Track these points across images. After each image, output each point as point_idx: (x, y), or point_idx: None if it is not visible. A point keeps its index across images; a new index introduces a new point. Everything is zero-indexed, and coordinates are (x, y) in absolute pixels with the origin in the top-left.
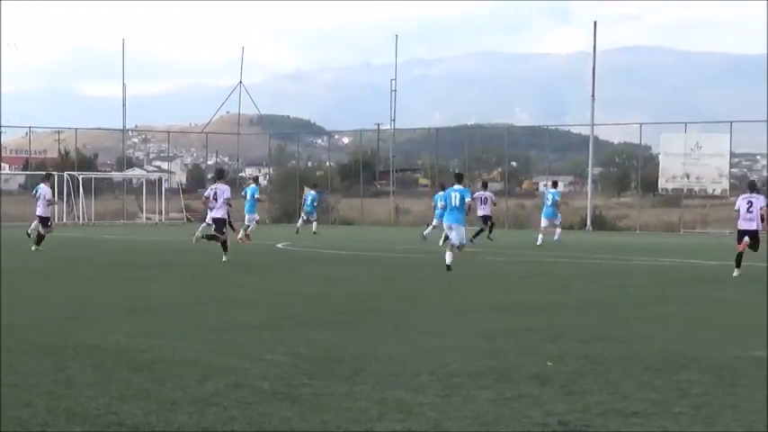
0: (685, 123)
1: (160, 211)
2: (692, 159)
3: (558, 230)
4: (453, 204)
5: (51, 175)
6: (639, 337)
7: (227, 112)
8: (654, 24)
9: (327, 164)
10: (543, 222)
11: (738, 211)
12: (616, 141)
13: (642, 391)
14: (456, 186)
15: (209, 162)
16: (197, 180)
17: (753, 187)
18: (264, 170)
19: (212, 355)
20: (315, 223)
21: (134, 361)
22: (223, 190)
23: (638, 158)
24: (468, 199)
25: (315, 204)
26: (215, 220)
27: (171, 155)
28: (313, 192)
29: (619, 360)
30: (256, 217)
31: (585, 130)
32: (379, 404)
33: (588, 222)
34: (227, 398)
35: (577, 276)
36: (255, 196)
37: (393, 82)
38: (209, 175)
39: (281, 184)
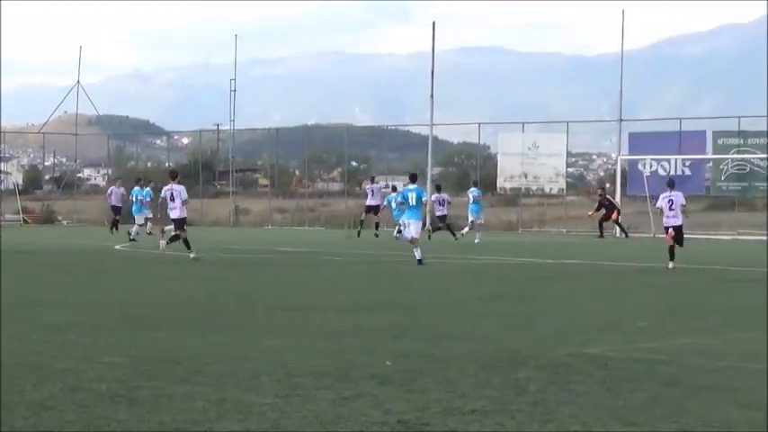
0: (523, 123)
1: None
2: (530, 159)
3: (466, 229)
4: (411, 203)
5: None
6: (478, 335)
7: (65, 112)
8: (493, 25)
9: (167, 164)
10: (472, 218)
11: (661, 209)
12: (455, 141)
13: (480, 389)
14: (411, 186)
15: (46, 163)
16: (34, 181)
17: (671, 185)
18: (103, 171)
19: (49, 357)
20: (149, 224)
21: None
22: (179, 190)
23: (476, 158)
24: (424, 198)
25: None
26: (174, 221)
27: (7, 155)
28: (148, 189)
29: (457, 358)
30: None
31: (425, 130)
32: (217, 405)
33: (428, 222)
34: (63, 401)
35: (418, 276)
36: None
37: (233, 82)
38: (47, 176)
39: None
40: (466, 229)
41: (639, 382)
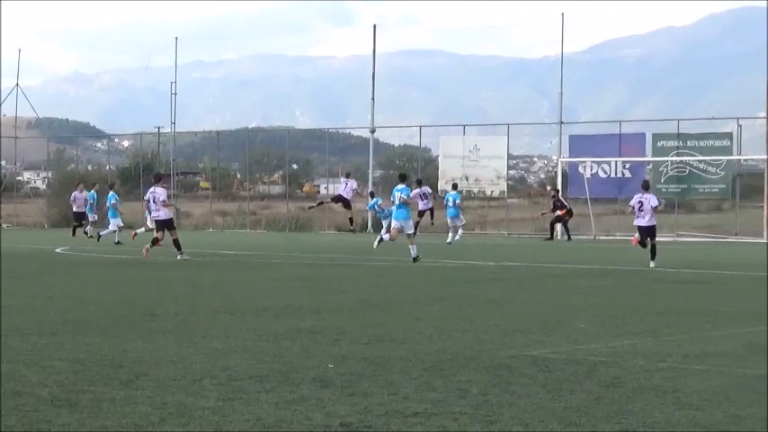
0: (464, 126)
1: None
2: (471, 161)
3: (460, 231)
4: (399, 202)
5: None
6: (419, 338)
7: (5, 114)
8: (434, 28)
9: (107, 167)
10: (449, 222)
11: (633, 209)
12: (396, 144)
13: (422, 392)
14: (399, 186)
15: None
16: None
17: (646, 187)
18: (43, 174)
19: None
20: (90, 227)
21: None
22: (160, 193)
23: (417, 161)
24: (411, 195)
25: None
26: (162, 222)
27: None
28: (92, 192)
29: (399, 361)
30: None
31: (366, 133)
32: (160, 409)
33: (369, 224)
34: (5, 406)
35: (358, 278)
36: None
37: (173, 85)
38: None
39: (60, 188)
40: (458, 234)
41: (581, 383)
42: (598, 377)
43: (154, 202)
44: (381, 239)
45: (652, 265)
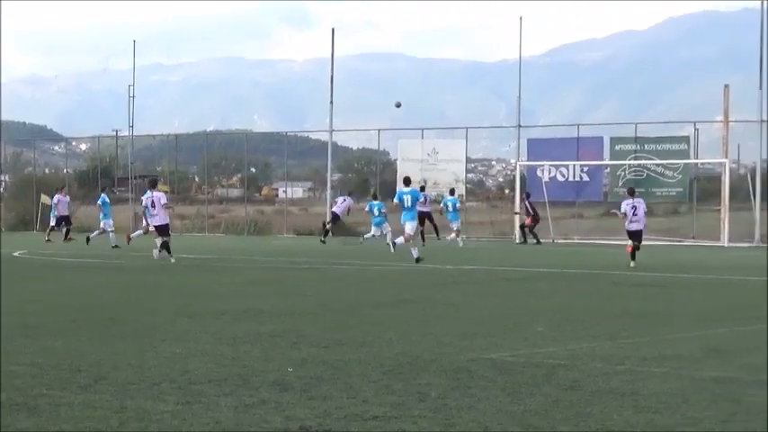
0: (422, 129)
1: None
2: (430, 165)
3: (453, 235)
4: (407, 205)
5: None
6: (378, 341)
7: None
8: (393, 32)
9: (65, 170)
10: (451, 225)
11: (625, 214)
12: (355, 147)
13: (382, 395)
14: (406, 189)
15: None
16: None
17: (632, 193)
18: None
19: None
20: (57, 229)
21: None
22: (159, 197)
23: (376, 164)
24: (420, 199)
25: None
26: (157, 228)
27: None
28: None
29: (358, 364)
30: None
31: (324, 136)
32: (118, 413)
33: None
34: None
35: (318, 281)
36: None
37: (131, 88)
38: None
39: (17, 191)
40: (455, 237)
41: (540, 386)
42: (557, 380)
43: (153, 206)
44: (395, 244)
45: (632, 264)
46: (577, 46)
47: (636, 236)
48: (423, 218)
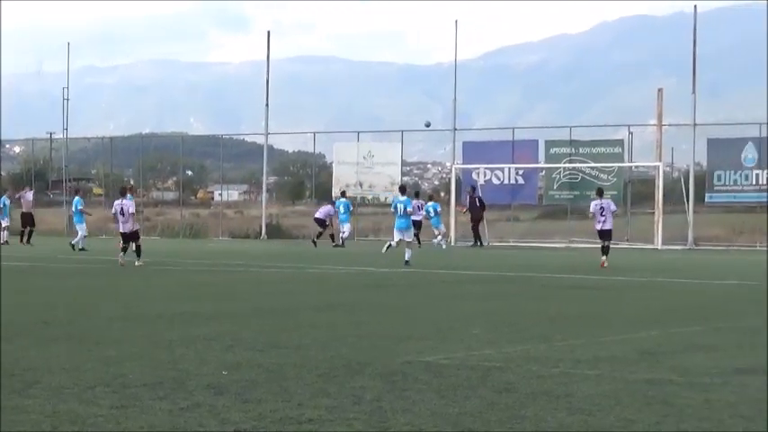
0: (358, 132)
1: None
2: (365, 168)
3: (440, 237)
4: (400, 213)
5: None
6: (313, 344)
7: None
8: (329, 35)
9: None
10: (434, 230)
11: (593, 214)
12: (290, 150)
13: (316, 398)
14: (401, 198)
15: None
16: None
17: (601, 194)
18: None
19: None
20: (4, 233)
21: None
22: (129, 205)
23: (312, 167)
24: (409, 209)
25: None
26: (128, 234)
27: None
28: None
29: (293, 367)
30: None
31: (260, 139)
32: (51, 417)
33: (263, 231)
34: None
35: (251, 284)
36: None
37: (65, 90)
38: None
39: None
40: (440, 239)
41: (474, 389)
42: (492, 382)
43: (122, 213)
44: (390, 245)
45: (604, 258)
46: (512, 49)
47: (607, 234)
48: (416, 224)
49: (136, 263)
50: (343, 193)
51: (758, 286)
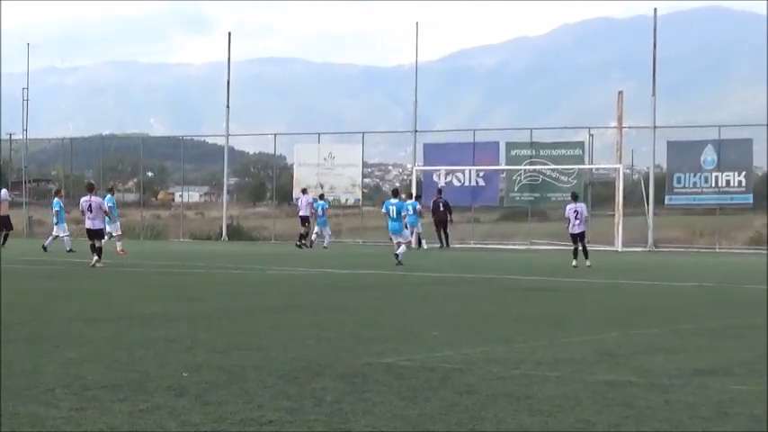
0: (318, 134)
1: None
2: (326, 169)
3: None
4: (392, 216)
5: None
6: (274, 346)
7: None
8: (290, 36)
9: None
10: (415, 230)
11: (568, 218)
12: (251, 152)
13: (277, 400)
14: (393, 200)
15: None
16: None
17: (575, 198)
18: None
19: None
20: None
21: None
22: (99, 202)
23: (273, 168)
24: (403, 212)
25: None
26: (91, 231)
27: None
28: None
29: (253, 369)
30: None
31: (221, 141)
32: (10, 419)
33: (224, 232)
34: None
35: (212, 286)
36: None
37: (25, 91)
38: None
39: None
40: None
41: (435, 390)
42: (452, 384)
43: (90, 210)
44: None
45: (588, 263)
46: (473, 52)
47: (580, 237)
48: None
49: (94, 261)
50: (321, 196)
51: (717, 288)
